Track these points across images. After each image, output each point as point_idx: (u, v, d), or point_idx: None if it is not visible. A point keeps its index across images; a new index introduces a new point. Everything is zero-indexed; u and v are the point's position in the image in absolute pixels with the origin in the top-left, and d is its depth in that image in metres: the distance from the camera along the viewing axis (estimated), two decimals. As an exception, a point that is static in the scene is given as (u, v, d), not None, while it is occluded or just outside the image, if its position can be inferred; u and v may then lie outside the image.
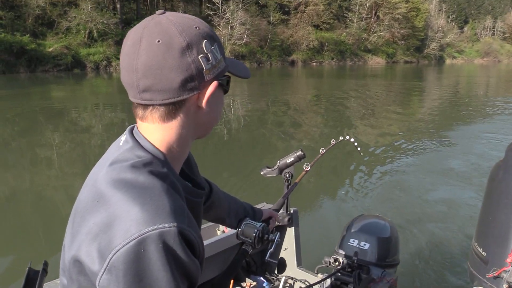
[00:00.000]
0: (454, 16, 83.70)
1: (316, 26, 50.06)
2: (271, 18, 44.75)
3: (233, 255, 2.03)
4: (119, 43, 31.64)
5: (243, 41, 40.35)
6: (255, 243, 1.29)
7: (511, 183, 1.91)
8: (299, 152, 2.02)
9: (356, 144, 2.25)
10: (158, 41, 0.75)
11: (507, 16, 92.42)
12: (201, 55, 0.78)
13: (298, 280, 2.15)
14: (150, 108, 0.79)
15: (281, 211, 2.17)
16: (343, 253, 2.08)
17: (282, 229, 2.29)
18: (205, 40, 0.79)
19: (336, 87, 22.48)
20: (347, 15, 54.91)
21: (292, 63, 45.51)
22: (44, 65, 26.15)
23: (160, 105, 0.78)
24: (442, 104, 16.99)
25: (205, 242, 1.76)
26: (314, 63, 47.21)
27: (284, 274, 2.23)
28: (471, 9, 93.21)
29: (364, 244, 2.05)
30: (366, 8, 55.62)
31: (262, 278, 2.17)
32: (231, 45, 39.38)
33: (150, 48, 0.75)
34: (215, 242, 1.91)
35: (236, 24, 39.85)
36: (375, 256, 2.01)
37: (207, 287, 1.97)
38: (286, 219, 2.20)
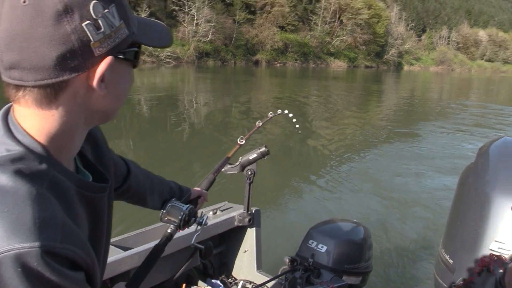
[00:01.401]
0: (413, 24, 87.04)
1: (281, 27, 50.58)
2: (237, 17, 44.79)
3: (186, 257, 2.01)
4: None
5: (208, 39, 40.15)
6: (181, 226, 1.20)
7: (481, 187, 1.79)
8: (263, 149, 1.89)
9: (294, 120, 2.09)
10: (24, 2, 0.55)
11: (461, 27, 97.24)
12: (87, 22, 0.58)
13: (256, 284, 2.05)
14: (22, 89, 0.60)
15: (241, 211, 2.10)
16: (302, 254, 1.96)
17: (242, 230, 2.18)
18: (93, 1, 0.58)
19: (299, 87, 22.85)
20: (311, 18, 55.85)
21: (256, 62, 45.71)
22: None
23: (33, 87, 0.59)
24: (402, 106, 17.65)
25: (153, 244, 1.74)
26: (278, 64, 47.65)
27: (242, 278, 2.16)
28: (429, 19, 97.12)
29: (322, 247, 1.92)
30: (330, 12, 56.78)
31: (218, 282, 2.04)
32: (196, 42, 39.08)
33: (13, 11, 0.55)
34: (174, 241, 1.77)
35: (201, 21, 39.59)
36: (331, 260, 1.88)
37: None
38: (247, 219, 2.07)
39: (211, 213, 2.15)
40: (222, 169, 1.91)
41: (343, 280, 1.86)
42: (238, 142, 1.83)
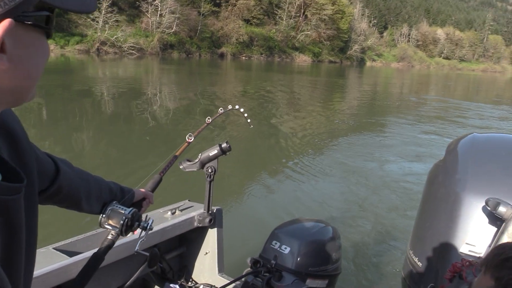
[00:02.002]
0: (376, 21, 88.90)
1: (247, 21, 50.38)
2: (202, 9, 44.20)
3: (141, 262, 1.81)
4: (36, 23, 29.42)
5: (172, 30, 39.43)
6: (123, 231, 1.09)
7: (450, 186, 1.71)
8: (224, 144, 1.83)
9: (246, 115, 2.04)
10: None
11: (421, 25, 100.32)
12: None
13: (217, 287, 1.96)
14: None
15: (201, 210, 2.00)
16: (265, 256, 1.87)
17: (202, 231, 2.09)
18: None
19: (264, 81, 22.85)
20: (276, 12, 55.92)
21: (222, 55, 45.40)
22: None
23: None
24: (365, 100, 18.00)
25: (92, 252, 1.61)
26: (243, 57, 47.51)
27: (203, 281, 2.07)
28: (390, 16, 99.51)
29: (285, 248, 1.81)
30: (295, 7, 57.05)
31: (177, 287, 1.96)
32: (160, 33, 38.29)
33: None
34: (120, 246, 1.62)
35: (166, 12, 38.82)
36: (294, 262, 1.78)
37: None
38: (207, 219, 1.97)
39: (169, 213, 2.02)
40: (181, 167, 1.82)
41: (306, 284, 1.77)
42: (187, 139, 1.72)
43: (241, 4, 49.21)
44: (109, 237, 1.12)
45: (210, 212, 1.99)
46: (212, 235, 2.07)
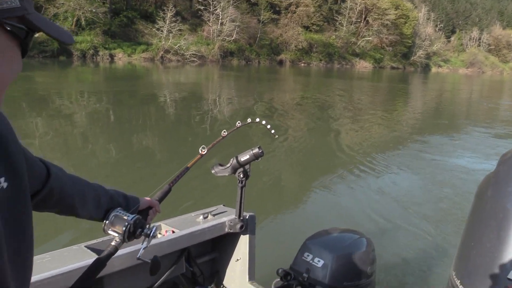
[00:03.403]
0: (442, 25, 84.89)
1: (306, 27, 50.17)
2: (262, 16, 44.67)
3: (170, 264, 1.80)
4: (107, 33, 31.25)
5: (232, 38, 40.18)
6: (125, 238, 1.08)
7: (500, 201, 1.53)
8: (256, 150, 1.77)
9: (269, 126, 1.96)
10: None
11: (493, 28, 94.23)
12: None
13: None
14: None
15: (233, 216, 1.98)
16: (296, 268, 1.80)
17: (234, 237, 2.05)
18: None
19: (323, 86, 22.62)
20: (337, 18, 55.16)
21: (280, 62, 45.53)
22: (29, 51, 25.55)
23: None
24: (427, 108, 17.24)
25: (130, 249, 1.57)
26: (302, 64, 47.33)
27: None
28: (458, 20, 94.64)
29: (318, 261, 1.74)
30: (356, 13, 55.96)
31: None
32: (220, 41, 39.20)
33: None
34: (153, 246, 1.63)
35: (226, 21, 39.65)
36: (328, 276, 1.69)
37: None
38: (238, 225, 1.94)
39: (201, 217, 2.02)
40: (212, 171, 1.81)
41: None
42: (200, 152, 1.68)
43: (300, 11, 49.14)
44: (113, 243, 1.11)
45: (241, 218, 1.95)
46: (244, 241, 2.03)
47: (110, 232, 1.10)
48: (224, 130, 1.81)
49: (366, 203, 5.43)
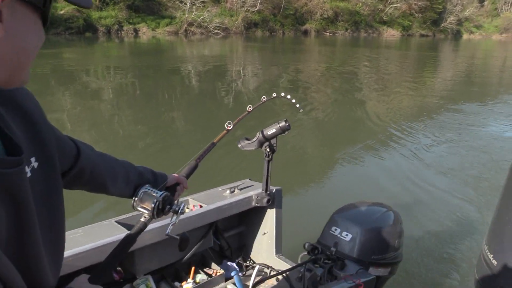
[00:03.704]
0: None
1: (332, -5, 48.80)
2: (286, -15, 43.66)
3: (198, 237, 1.82)
4: (131, 7, 31.26)
5: (256, 9, 39.50)
6: (154, 214, 1.10)
7: None
8: (282, 123, 1.76)
9: (294, 101, 1.93)
10: None
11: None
12: None
13: (274, 269, 1.94)
14: None
15: (259, 190, 1.98)
16: (324, 242, 1.80)
17: (261, 211, 2.06)
18: None
19: (349, 55, 22.11)
20: (364, -15, 53.33)
21: (305, 32, 44.64)
22: (56, 28, 25.97)
23: None
24: (457, 79, 16.66)
25: (159, 224, 1.60)
26: (328, 33, 46.27)
27: (260, 261, 2.05)
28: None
29: (346, 235, 1.74)
30: (384, -22, 53.91)
31: (234, 265, 1.96)
32: (244, 12, 38.61)
33: None
34: (183, 220, 1.64)
35: (250, -9, 38.97)
36: (356, 250, 1.70)
37: (169, 272, 1.82)
38: (265, 199, 1.95)
39: (228, 191, 2.04)
40: (239, 145, 1.81)
41: (370, 273, 1.68)
42: (226, 127, 1.64)
43: (326, -22, 47.73)
44: (142, 219, 1.13)
45: (268, 192, 1.95)
46: (270, 215, 2.04)
47: (139, 208, 1.12)
48: (250, 105, 1.77)
49: (394, 174, 5.36)
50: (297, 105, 1.95)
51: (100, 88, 10.77)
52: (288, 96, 1.90)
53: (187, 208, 1.95)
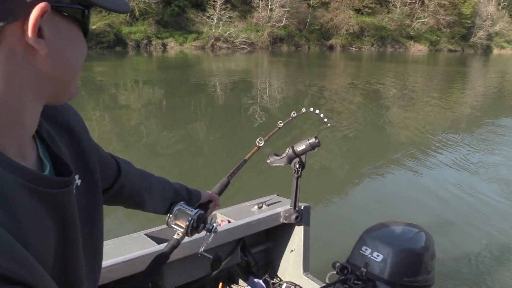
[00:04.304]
0: (506, 3, 79.23)
1: (357, 11, 48.70)
2: (311, 1, 43.87)
3: (226, 253, 1.82)
4: (159, 23, 32.04)
5: (282, 24, 39.82)
6: (188, 233, 1.11)
7: None
8: (312, 139, 1.74)
9: (322, 115, 1.90)
10: None
11: None
12: None
13: (301, 287, 1.92)
14: None
15: (287, 207, 1.97)
16: (353, 262, 1.75)
17: (289, 228, 2.04)
18: None
19: (375, 71, 21.93)
20: (390, 0, 53.05)
21: (331, 47, 44.65)
22: (88, 42, 26.54)
23: None
24: (489, 93, 16.25)
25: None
26: (353, 48, 46.13)
27: (287, 279, 2.03)
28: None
29: (377, 255, 1.68)
30: (411, -7, 53.50)
31: (261, 282, 1.95)
32: (270, 27, 38.98)
33: None
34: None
35: (276, 6, 39.29)
36: (388, 271, 1.64)
37: (197, 287, 1.82)
38: (294, 216, 1.93)
39: (256, 207, 2.05)
40: (268, 161, 1.81)
41: None
42: (257, 144, 1.62)
43: (352, -7, 47.77)
44: (175, 236, 1.14)
45: (296, 209, 1.94)
46: (298, 232, 2.02)
47: (173, 225, 1.13)
48: (280, 121, 1.76)
49: (425, 193, 5.19)
50: (325, 119, 1.94)
51: (128, 101, 11.02)
52: (317, 111, 1.88)
53: (215, 223, 1.97)
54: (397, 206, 4.78)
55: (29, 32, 0.51)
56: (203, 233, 1.18)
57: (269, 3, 39.18)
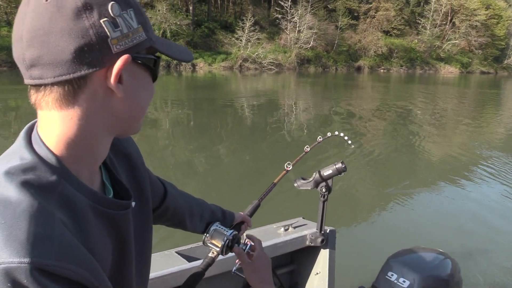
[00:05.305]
0: (541, 24, 77.40)
1: (386, 32, 48.64)
2: (339, 22, 44.14)
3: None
4: (189, 43, 32.86)
5: (310, 45, 40.15)
6: (223, 252, 1.16)
7: None
8: (339, 165, 1.77)
9: (346, 138, 1.95)
10: (46, 0, 0.57)
11: None
12: (105, 19, 0.58)
13: None
14: (42, 89, 0.59)
15: (314, 230, 1.99)
16: (379, 286, 1.75)
17: (314, 251, 2.05)
18: (112, 2, 0.59)
19: (404, 93, 21.69)
20: (419, 21, 52.70)
21: (358, 69, 44.57)
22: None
23: (53, 84, 0.58)
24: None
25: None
26: (382, 70, 45.87)
27: None
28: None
29: (404, 281, 1.68)
30: (441, 15, 53.02)
31: None
32: (297, 48, 39.34)
33: (37, 8, 0.57)
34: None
35: (304, 28, 39.73)
36: None
37: None
38: (319, 239, 1.95)
39: (282, 229, 2.05)
40: (295, 185, 1.85)
41: None
42: (286, 168, 1.67)
43: (380, 15, 47.77)
44: (210, 254, 1.22)
45: (322, 232, 1.96)
46: (323, 255, 2.03)
47: (209, 244, 1.18)
48: (307, 145, 1.80)
49: (452, 219, 5.07)
50: (349, 141, 1.98)
51: (157, 119, 11.26)
52: (341, 134, 1.93)
53: (248, 243, 1.99)
54: (423, 231, 4.67)
55: (112, 79, 0.61)
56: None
57: (297, 25, 39.66)
